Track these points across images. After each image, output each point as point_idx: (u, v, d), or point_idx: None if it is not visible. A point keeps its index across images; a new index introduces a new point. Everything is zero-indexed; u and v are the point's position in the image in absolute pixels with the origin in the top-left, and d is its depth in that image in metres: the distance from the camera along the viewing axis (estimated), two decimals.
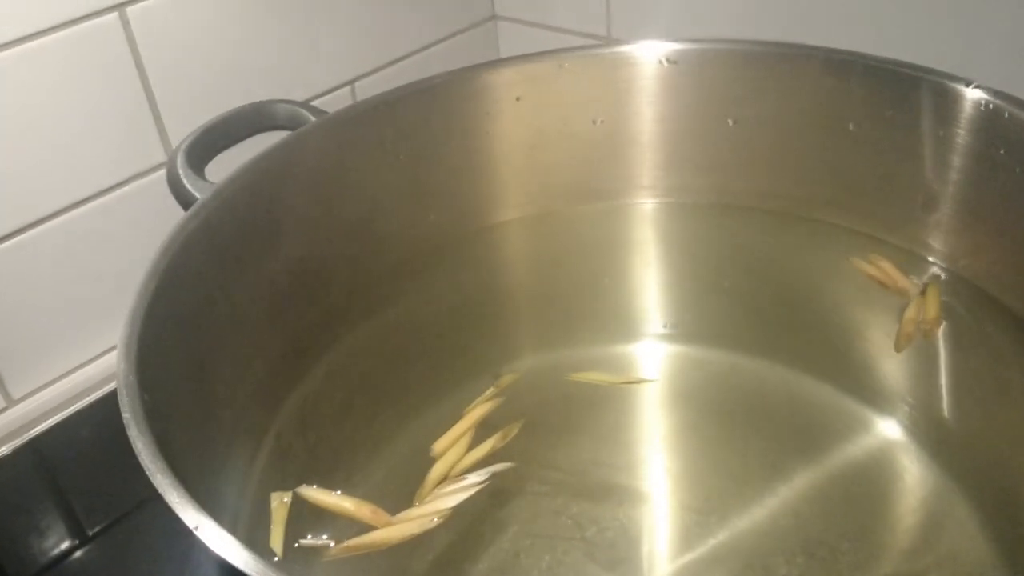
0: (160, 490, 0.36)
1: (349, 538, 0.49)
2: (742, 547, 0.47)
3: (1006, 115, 0.55)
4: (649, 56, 0.65)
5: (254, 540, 0.48)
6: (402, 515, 0.50)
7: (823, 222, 0.66)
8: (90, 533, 0.58)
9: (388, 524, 0.49)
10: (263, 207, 0.57)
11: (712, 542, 0.48)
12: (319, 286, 0.61)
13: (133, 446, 0.38)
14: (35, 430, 0.65)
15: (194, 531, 0.35)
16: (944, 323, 0.59)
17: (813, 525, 0.48)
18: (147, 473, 0.37)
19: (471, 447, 0.54)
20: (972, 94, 0.56)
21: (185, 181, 0.55)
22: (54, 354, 0.68)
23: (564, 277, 0.68)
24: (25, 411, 0.67)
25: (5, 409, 0.66)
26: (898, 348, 0.58)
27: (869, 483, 0.51)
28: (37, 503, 0.60)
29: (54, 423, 0.65)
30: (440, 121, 0.64)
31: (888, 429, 0.54)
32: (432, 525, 0.49)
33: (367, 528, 0.49)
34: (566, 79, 0.65)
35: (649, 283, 0.68)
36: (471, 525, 0.50)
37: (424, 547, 0.49)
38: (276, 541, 0.49)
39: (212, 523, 0.35)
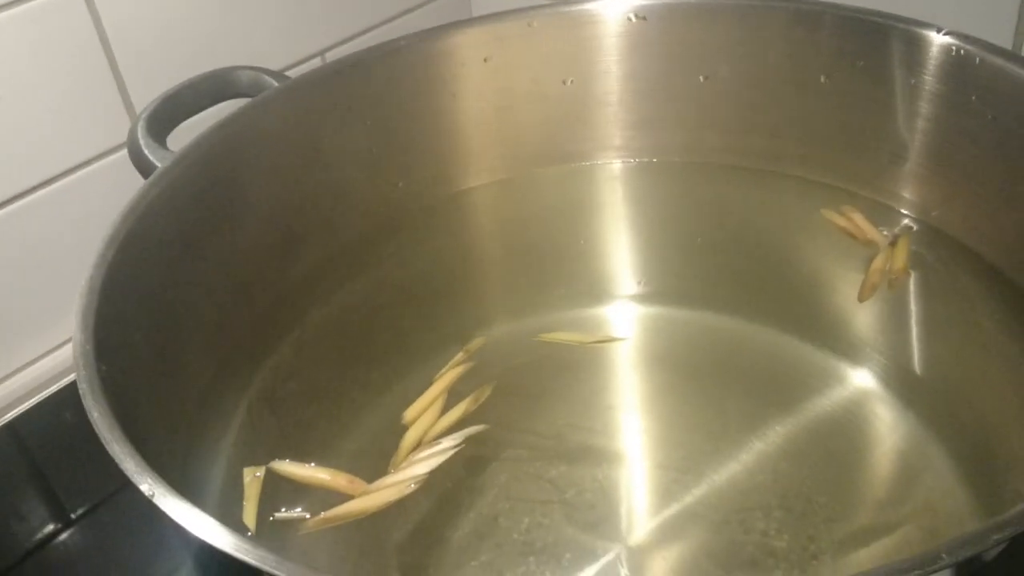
0: (116, 459, 0.35)
1: (325, 510, 0.48)
2: (720, 503, 0.47)
3: (977, 60, 0.54)
4: (617, 13, 0.64)
5: (228, 517, 0.48)
6: (379, 483, 0.49)
7: (796, 177, 0.66)
8: (73, 517, 0.57)
9: (365, 492, 0.49)
10: (226, 175, 0.56)
11: (690, 499, 0.48)
12: (286, 255, 0.60)
13: (88, 415, 0.37)
14: (13, 412, 0.64)
15: (151, 499, 0.34)
16: (914, 273, 0.58)
17: (790, 479, 0.48)
18: (103, 443, 0.36)
19: (443, 412, 0.53)
20: (942, 40, 0.55)
21: (146, 151, 0.54)
22: (29, 336, 0.67)
23: (536, 240, 0.67)
24: (3, 393, 0.66)
25: None
26: (861, 298, 0.58)
27: (845, 436, 0.50)
28: (17, 487, 0.59)
29: (33, 405, 0.64)
30: (407, 84, 0.63)
31: (863, 381, 0.53)
32: (410, 491, 0.49)
33: (343, 499, 0.49)
34: (535, 38, 0.65)
35: (621, 244, 0.67)
36: (449, 492, 0.49)
37: (403, 515, 0.48)
38: (249, 516, 0.48)
39: (170, 491, 0.35)
